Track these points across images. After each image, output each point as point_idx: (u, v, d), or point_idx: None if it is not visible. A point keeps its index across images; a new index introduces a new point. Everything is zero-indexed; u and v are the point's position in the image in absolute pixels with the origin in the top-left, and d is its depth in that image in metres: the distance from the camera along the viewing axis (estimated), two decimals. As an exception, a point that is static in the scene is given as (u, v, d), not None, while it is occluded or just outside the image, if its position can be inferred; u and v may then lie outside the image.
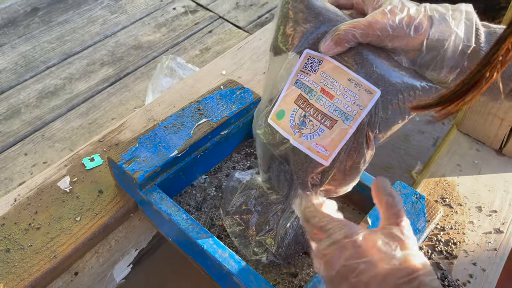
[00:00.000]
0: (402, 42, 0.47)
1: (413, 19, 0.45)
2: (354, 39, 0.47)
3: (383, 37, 0.46)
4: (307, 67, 0.55)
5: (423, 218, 0.71)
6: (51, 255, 0.71)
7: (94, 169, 0.86)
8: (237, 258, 0.67)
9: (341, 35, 0.47)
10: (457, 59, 0.47)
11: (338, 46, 0.48)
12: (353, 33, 0.46)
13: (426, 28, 0.46)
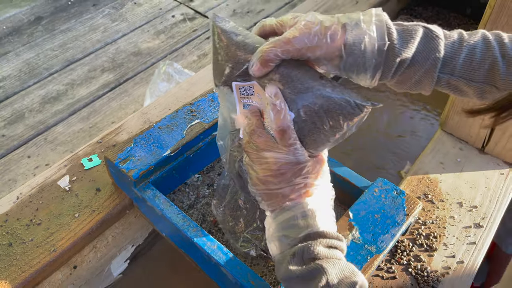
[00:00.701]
0: (322, 51, 0.50)
1: (328, 29, 0.49)
2: (276, 57, 0.50)
3: (303, 50, 0.49)
4: (243, 94, 0.58)
5: (403, 212, 0.75)
6: (51, 248, 0.76)
7: (92, 168, 0.90)
8: (225, 250, 0.71)
9: (264, 56, 0.50)
10: (377, 58, 0.50)
11: (264, 67, 0.50)
12: (274, 52, 0.49)
13: (342, 35, 0.49)
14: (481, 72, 0.53)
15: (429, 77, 0.53)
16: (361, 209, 0.75)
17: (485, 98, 0.55)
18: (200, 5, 1.91)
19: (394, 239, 0.72)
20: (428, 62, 0.52)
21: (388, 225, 0.73)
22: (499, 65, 0.52)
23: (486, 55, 0.52)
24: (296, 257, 0.48)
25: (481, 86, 0.54)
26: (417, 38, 0.51)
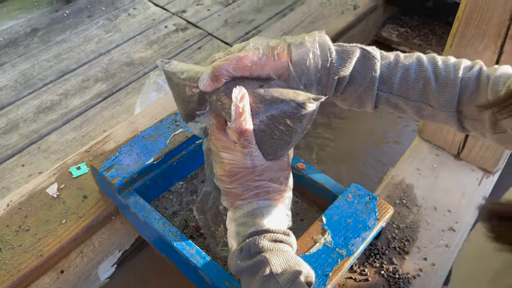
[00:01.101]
0: (271, 68, 0.54)
1: (275, 48, 0.54)
2: (228, 73, 0.54)
3: (254, 68, 0.54)
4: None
5: (374, 217, 0.78)
6: (38, 253, 0.79)
7: (80, 176, 0.94)
8: (203, 254, 0.74)
9: (215, 72, 0.54)
10: (321, 73, 0.55)
11: (215, 82, 0.54)
12: (226, 68, 0.54)
13: (288, 53, 0.54)
14: (416, 91, 0.57)
15: (369, 95, 0.58)
16: (334, 213, 0.78)
17: (423, 116, 0.60)
18: (192, 15, 1.96)
19: (365, 243, 0.75)
20: (366, 80, 0.57)
21: (360, 229, 0.76)
22: (431, 84, 0.56)
23: (419, 75, 0.57)
24: (244, 251, 0.52)
25: (417, 104, 0.58)
26: (354, 58, 0.56)
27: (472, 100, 0.56)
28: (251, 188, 0.55)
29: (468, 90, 0.56)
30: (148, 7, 2.01)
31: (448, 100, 0.56)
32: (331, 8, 1.55)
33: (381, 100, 0.59)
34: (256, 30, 1.86)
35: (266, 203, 0.55)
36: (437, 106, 0.57)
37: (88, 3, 2.02)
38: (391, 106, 0.60)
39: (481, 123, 0.57)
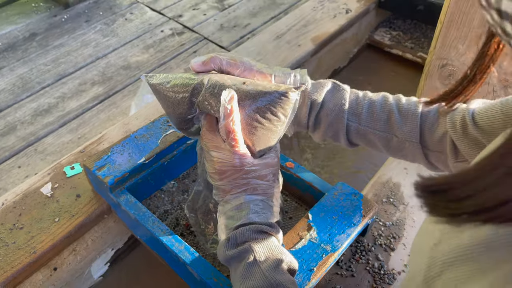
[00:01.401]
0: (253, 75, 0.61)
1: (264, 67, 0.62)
2: (219, 64, 0.60)
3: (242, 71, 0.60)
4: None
5: (359, 214, 0.80)
6: (31, 250, 0.81)
7: (74, 176, 0.96)
8: (192, 250, 0.76)
9: (209, 58, 0.60)
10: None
11: (205, 65, 0.60)
12: (220, 59, 0.60)
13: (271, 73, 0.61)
14: (382, 122, 0.63)
15: (340, 123, 0.64)
16: (320, 210, 0.80)
17: (391, 148, 0.66)
18: (188, 20, 1.98)
19: (350, 239, 0.76)
20: (336, 107, 0.64)
21: (345, 225, 0.78)
22: (395, 116, 0.63)
23: (384, 108, 0.63)
24: (230, 241, 0.55)
25: (384, 135, 0.64)
26: (326, 87, 0.64)
27: (433, 130, 0.62)
28: (239, 185, 0.58)
29: (428, 121, 0.62)
30: (145, 12, 2.04)
31: (410, 130, 0.63)
32: (323, 12, 1.58)
33: (352, 130, 0.65)
34: (251, 34, 1.88)
35: (253, 197, 0.58)
36: (401, 136, 0.63)
37: (86, 8, 2.05)
38: (362, 138, 0.66)
39: (444, 154, 0.62)
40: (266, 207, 0.58)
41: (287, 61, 1.36)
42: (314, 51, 1.43)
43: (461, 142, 0.59)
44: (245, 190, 0.58)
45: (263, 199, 0.58)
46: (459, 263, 0.33)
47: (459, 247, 0.33)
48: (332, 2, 1.64)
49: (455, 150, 0.61)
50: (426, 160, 0.64)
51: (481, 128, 0.56)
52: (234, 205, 0.57)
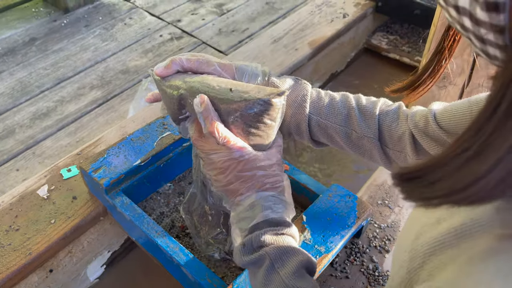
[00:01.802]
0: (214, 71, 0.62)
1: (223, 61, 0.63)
2: (180, 64, 0.61)
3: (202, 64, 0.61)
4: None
5: (353, 215, 0.80)
6: (27, 252, 0.81)
7: (70, 178, 0.96)
8: (186, 251, 0.76)
9: (170, 62, 0.61)
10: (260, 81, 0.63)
11: (168, 69, 0.62)
12: (180, 58, 0.61)
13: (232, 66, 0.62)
14: (341, 116, 0.66)
15: (302, 113, 0.65)
16: (315, 212, 0.80)
17: (351, 143, 0.67)
18: (187, 25, 2.00)
19: (343, 240, 0.77)
20: (298, 98, 0.65)
21: (339, 227, 0.78)
22: (355, 112, 0.65)
23: (345, 104, 0.66)
24: (246, 246, 0.54)
25: (343, 130, 0.66)
26: (289, 79, 0.66)
27: (392, 129, 0.64)
28: (246, 180, 0.56)
29: (388, 120, 0.65)
30: (144, 16, 2.05)
31: (369, 127, 0.65)
32: (321, 17, 1.59)
33: (313, 123, 0.67)
34: (249, 38, 1.90)
35: (264, 194, 0.56)
36: (360, 132, 0.65)
37: (85, 13, 2.06)
38: (323, 132, 0.68)
39: (403, 153, 0.65)
40: (279, 201, 0.57)
41: (284, 65, 1.37)
42: (311, 55, 1.43)
43: (425, 142, 0.61)
44: (253, 185, 0.56)
45: (274, 194, 0.57)
46: (438, 252, 0.34)
47: (438, 236, 0.34)
48: (329, 6, 1.65)
49: (415, 149, 0.63)
50: (384, 157, 0.67)
51: (443, 127, 0.59)
52: (246, 205, 0.56)
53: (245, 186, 0.57)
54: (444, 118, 0.59)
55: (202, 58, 0.62)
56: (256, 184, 0.57)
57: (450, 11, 0.31)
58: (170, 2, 2.17)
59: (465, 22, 0.31)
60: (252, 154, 0.57)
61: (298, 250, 0.54)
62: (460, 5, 0.30)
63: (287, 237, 0.55)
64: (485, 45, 0.32)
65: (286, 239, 0.55)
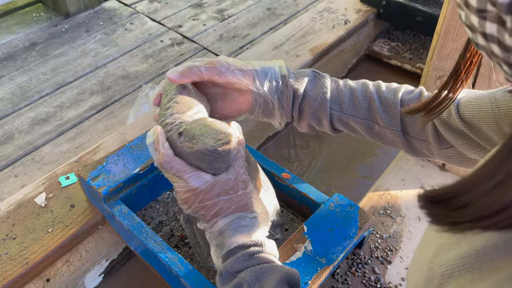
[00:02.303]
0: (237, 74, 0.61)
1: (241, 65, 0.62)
2: (199, 73, 0.59)
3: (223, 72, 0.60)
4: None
5: (355, 225, 0.79)
6: (24, 261, 0.80)
7: (69, 186, 0.95)
8: (185, 262, 0.75)
9: (187, 68, 0.59)
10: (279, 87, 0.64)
11: (183, 76, 0.59)
12: (198, 66, 0.59)
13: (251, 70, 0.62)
14: (364, 110, 0.64)
15: (323, 111, 0.65)
16: (316, 222, 0.79)
17: (373, 135, 0.66)
18: (188, 30, 1.99)
19: (345, 251, 0.75)
20: (318, 97, 0.64)
21: (340, 238, 0.77)
22: (376, 104, 0.64)
23: (365, 95, 0.64)
24: (224, 275, 0.53)
25: (366, 123, 0.65)
26: (307, 77, 0.65)
27: (415, 119, 0.63)
28: (210, 207, 0.55)
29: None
30: (145, 22, 2.05)
31: (391, 119, 0.64)
32: (322, 23, 1.58)
33: (335, 118, 0.66)
34: (250, 44, 1.89)
35: (230, 217, 0.56)
36: (383, 124, 0.64)
37: (86, 18, 2.06)
38: (344, 125, 0.67)
39: (426, 142, 0.63)
40: (247, 221, 0.56)
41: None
42: (313, 61, 1.43)
43: (447, 133, 0.60)
44: (218, 212, 0.56)
45: (241, 215, 0.56)
46: (457, 274, 0.32)
47: (457, 257, 0.33)
48: (331, 13, 1.64)
49: (438, 138, 0.62)
50: (407, 145, 0.66)
51: (465, 120, 0.57)
52: (215, 231, 0.56)
53: (210, 214, 0.56)
54: (466, 110, 0.57)
55: (222, 66, 0.60)
56: (220, 210, 0.56)
57: (478, 38, 0.30)
58: (171, 7, 2.17)
59: (493, 49, 0.30)
60: (210, 182, 0.56)
61: (274, 268, 0.52)
62: (488, 32, 0.29)
63: (261, 256, 0.54)
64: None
65: (261, 259, 0.54)
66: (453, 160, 0.64)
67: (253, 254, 0.54)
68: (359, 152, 1.37)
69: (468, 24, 0.31)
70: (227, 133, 0.55)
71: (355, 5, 1.68)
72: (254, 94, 0.65)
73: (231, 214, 0.56)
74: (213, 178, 0.56)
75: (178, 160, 0.55)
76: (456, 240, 0.35)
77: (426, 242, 0.40)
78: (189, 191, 0.55)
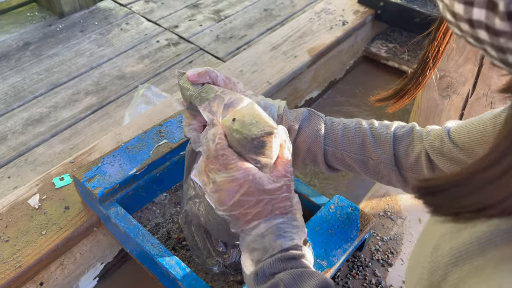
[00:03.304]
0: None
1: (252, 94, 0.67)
2: (215, 78, 0.62)
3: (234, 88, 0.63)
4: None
5: (356, 228, 0.78)
6: (17, 264, 0.78)
7: (63, 187, 0.93)
8: (182, 265, 0.73)
9: (205, 71, 0.61)
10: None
11: (200, 77, 0.61)
12: (217, 74, 0.62)
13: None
14: (357, 145, 0.66)
15: (317, 147, 0.67)
16: (316, 224, 0.78)
17: (368, 171, 0.68)
18: (184, 31, 1.97)
19: (346, 254, 0.74)
20: (313, 133, 0.66)
21: (341, 240, 0.75)
22: (369, 139, 0.65)
23: (358, 131, 0.66)
24: (259, 275, 0.51)
25: (360, 158, 0.66)
26: (302, 115, 0.67)
27: (408, 153, 0.64)
28: (252, 206, 0.53)
29: (403, 144, 0.65)
30: (141, 22, 2.03)
31: (384, 152, 0.65)
32: (320, 24, 1.57)
33: (329, 154, 0.68)
34: (247, 45, 1.88)
35: (273, 221, 0.53)
36: (376, 158, 0.66)
37: (81, 18, 2.04)
38: (339, 162, 0.68)
39: (421, 175, 0.64)
40: (290, 228, 0.54)
41: (283, 72, 1.35)
42: (311, 62, 1.42)
43: (441, 161, 0.61)
44: (261, 214, 0.53)
45: (285, 220, 0.54)
46: (461, 262, 0.32)
47: (460, 246, 0.33)
48: (328, 14, 1.63)
49: (432, 170, 0.63)
50: (402, 180, 0.67)
51: (458, 145, 0.59)
52: (256, 235, 0.53)
53: (251, 214, 0.53)
54: (458, 135, 0.59)
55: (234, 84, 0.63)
56: (263, 211, 0.53)
57: (461, 25, 0.30)
58: (167, 8, 2.15)
59: (480, 35, 0.30)
60: (255, 174, 0.53)
61: (313, 273, 0.50)
62: (475, 18, 0.29)
63: (300, 260, 0.52)
64: (505, 54, 0.30)
65: (299, 262, 0.52)
66: None
67: (292, 257, 0.52)
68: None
69: (449, 13, 0.31)
70: (272, 126, 0.55)
71: (353, 6, 1.68)
72: None
73: (274, 218, 0.54)
74: (258, 173, 0.54)
75: (229, 149, 0.54)
76: (457, 229, 0.35)
77: (426, 236, 0.40)
78: (234, 180, 0.52)
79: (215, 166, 0.54)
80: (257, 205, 0.53)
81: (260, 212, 0.53)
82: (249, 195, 0.53)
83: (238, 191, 0.53)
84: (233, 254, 0.79)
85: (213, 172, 0.55)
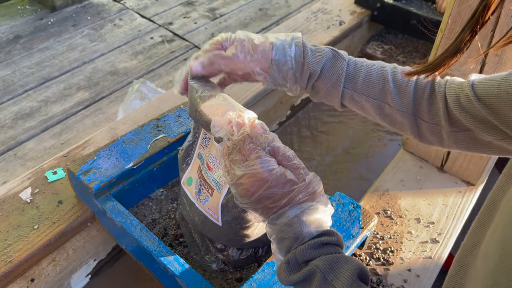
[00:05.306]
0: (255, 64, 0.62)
1: (259, 46, 0.62)
2: (218, 68, 0.60)
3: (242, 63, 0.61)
4: (203, 142, 0.71)
5: (358, 225, 0.76)
6: (7, 259, 0.75)
7: (56, 181, 0.90)
8: (181, 261, 0.71)
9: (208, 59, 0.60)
10: (295, 68, 0.63)
11: (203, 69, 0.61)
12: (219, 61, 0.60)
13: (269, 51, 0.62)
14: (377, 90, 0.65)
15: (336, 90, 0.66)
16: (318, 222, 0.76)
17: (383, 115, 0.67)
18: (179, 28, 1.95)
19: (348, 252, 0.73)
20: (334, 77, 0.65)
21: (343, 237, 0.74)
22: (390, 85, 0.64)
23: (380, 76, 0.65)
24: (291, 264, 0.49)
25: (377, 103, 0.65)
26: (325, 57, 0.64)
27: (431, 103, 0.63)
28: (277, 199, 0.51)
29: (425, 94, 0.63)
30: (135, 18, 2.00)
31: (403, 101, 0.64)
32: (317, 23, 1.57)
33: (347, 96, 0.66)
34: (243, 43, 1.86)
35: (299, 208, 0.51)
36: (394, 105, 0.65)
37: (73, 12, 2.00)
38: (355, 103, 0.67)
39: (439, 125, 0.63)
40: (316, 211, 0.52)
41: (280, 70, 1.34)
42: (307, 61, 1.41)
43: (460, 113, 0.58)
44: (286, 203, 0.51)
45: (311, 205, 0.52)
46: None
47: None
48: (325, 13, 1.63)
49: (450, 121, 0.61)
50: (416, 129, 0.65)
51: (481, 99, 0.55)
52: (283, 224, 0.51)
53: (277, 205, 0.52)
54: (481, 89, 0.55)
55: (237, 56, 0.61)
56: (288, 201, 0.52)
57: None
58: (162, 4, 2.13)
59: None
60: (280, 168, 0.52)
61: (349, 258, 0.48)
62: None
63: (331, 246, 0.50)
64: None
65: (331, 248, 0.50)
66: (461, 144, 0.63)
67: (326, 243, 0.49)
68: (354, 152, 1.36)
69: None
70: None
71: (350, 6, 1.68)
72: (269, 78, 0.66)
73: (299, 204, 0.52)
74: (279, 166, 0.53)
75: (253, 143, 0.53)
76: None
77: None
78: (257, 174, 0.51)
79: (236, 158, 0.53)
80: (281, 198, 0.52)
81: (285, 203, 0.52)
82: (273, 188, 0.51)
83: (262, 186, 0.51)
84: (233, 251, 0.78)
85: (235, 163, 0.53)
